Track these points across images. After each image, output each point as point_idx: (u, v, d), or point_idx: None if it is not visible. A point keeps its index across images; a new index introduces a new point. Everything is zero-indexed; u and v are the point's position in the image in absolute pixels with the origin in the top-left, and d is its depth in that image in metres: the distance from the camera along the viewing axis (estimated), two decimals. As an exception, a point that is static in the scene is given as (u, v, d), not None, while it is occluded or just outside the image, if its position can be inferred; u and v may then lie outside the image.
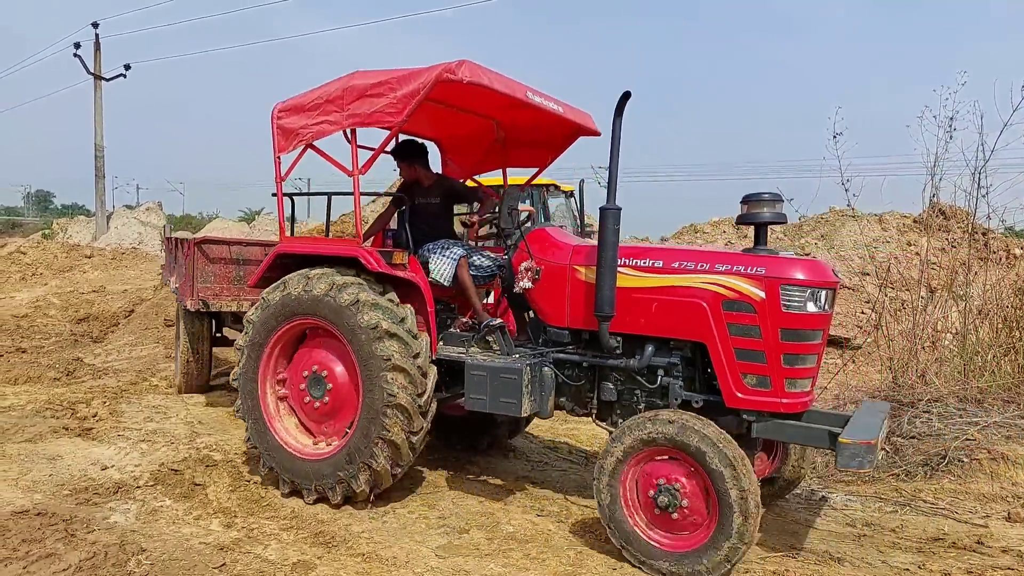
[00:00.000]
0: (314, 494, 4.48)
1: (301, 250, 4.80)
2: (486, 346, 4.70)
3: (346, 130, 4.55)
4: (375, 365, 4.22)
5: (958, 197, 6.87)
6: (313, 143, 4.64)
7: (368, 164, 4.58)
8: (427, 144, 5.48)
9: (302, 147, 4.69)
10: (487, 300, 4.93)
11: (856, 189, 6.72)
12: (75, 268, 16.42)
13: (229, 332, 7.29)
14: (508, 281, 4.70)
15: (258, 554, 3.76)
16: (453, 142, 5.92)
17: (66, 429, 5.74)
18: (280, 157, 4.81)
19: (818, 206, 15.51)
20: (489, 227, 6.12)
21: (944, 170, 6.67)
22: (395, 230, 5.48)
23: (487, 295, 5.42)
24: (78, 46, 25.50)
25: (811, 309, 3.75)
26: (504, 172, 5.86)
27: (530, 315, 4.74)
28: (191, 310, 6.60)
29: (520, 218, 4.69)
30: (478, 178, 6.06)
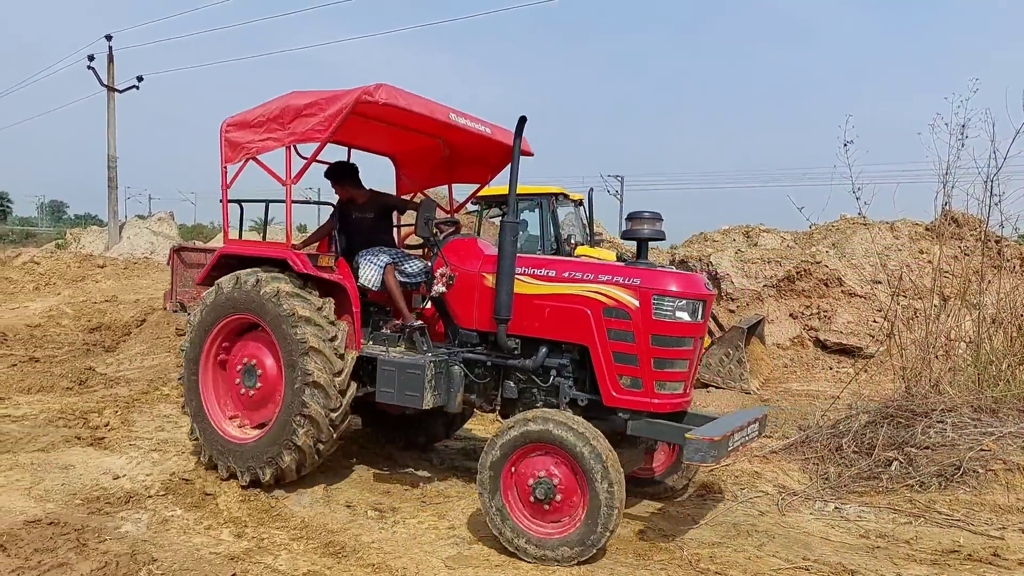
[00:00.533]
0: (248, 476, 4.78)
1: (240, 252, 5.23)
2: (411, 346, 5.00)
3: (290, 145, 4.91)
4: (294, 348, 4.60)
5: (970, 205, 6.82)
6: (256, 156, 5.07)
7: (299, 175, 4.98)
8: (387, 158, 6.09)
9: (246, 159, 5.11)
10: (426, 304, 5.26)
11: (867, 197, 6.67)
12: (88, 278, 16.52)
13: None
14: (429, 286, 5.03)
15: (268, 564, 3.77)
16: (405, 158, 6.39)
17: (78, 438, 5.77)
18: (227, 167, 5.23)
19: (829, 214, 15.45)
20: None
21: (956, 177, 6.63)
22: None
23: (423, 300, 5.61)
24: (92, 58, 25.69)
25: (680, 318, 4.12)
26: (450, 187, 6.33)
27: (447, 317, 5.05)
28: (171, 311, 6.84)
29: (433, 228, 4.96)
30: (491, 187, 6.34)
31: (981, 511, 4.74)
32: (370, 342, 5.17)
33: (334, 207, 5.75)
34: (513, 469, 4.05)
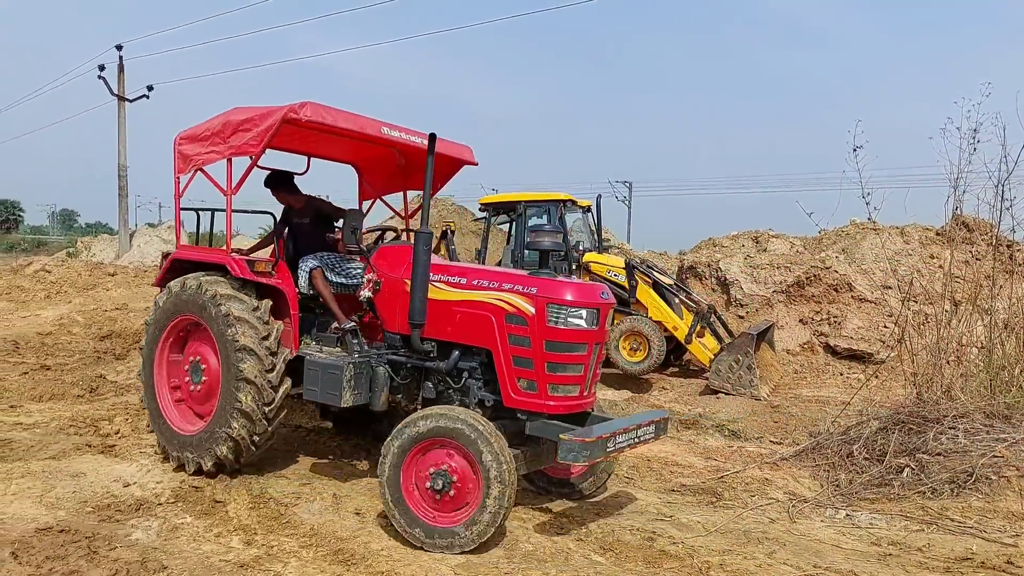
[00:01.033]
0: (193, 464, 5.14)
1: (188, 256, 5.59)
2: (347, 347, 5.21)
3: (229, 158, 5.21)
4: (229, 347, 4.92)
5: (982, 209, 6.79)
6: (203, 168, 5.41)
7: (238, 186, 5.27)
8: (346, 166, 6.54)
9: (195, 170, 5.45)
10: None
11: (877, 202, 6.66)
12: (98, 286, 16.61)
13: None
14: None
15: (278, 572, 3.77)
16: (366, 166, 6.67)
17: (89, 446, 5.80)
18: (179, 177, 5.59)
19: (839, 219, 15.38)
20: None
21: (967, 182, 6.60)
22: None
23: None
24: (103, 68, 25.89)
25: (573, 325, 4.35)
26: (404, 194, 6.58)
27: (377, 320, 5.30)
28: None
29: (359, 237, 5.25)
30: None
31: (994, 518, 4.70)
32: (313, 343, 5.44)
33: (277, 215, 6.09)
34: (411, 463, 4.25)
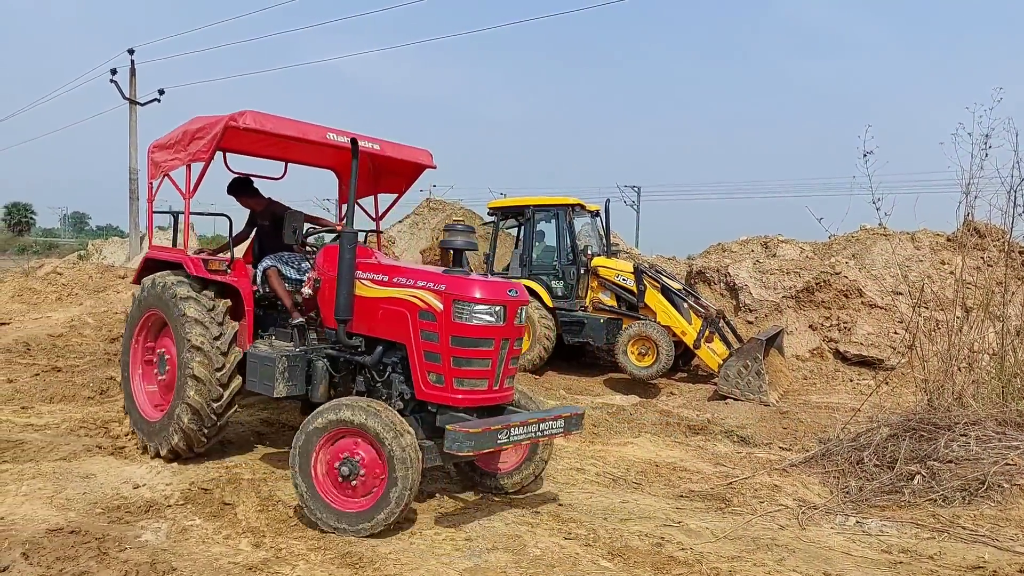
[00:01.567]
0: (153, 449, 5.52)
1: (157, 256, 6.05)
2: (296, 342, 5.48)
3: (187, 164, 5.55)
4: (184, 345, 5.23)
5: (993, 215, 6.74)
6: (168, 173, 5.80)
7: (194, 190, 5.58)
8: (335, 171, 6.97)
9: (163, 176, 5.86)
10: None
11: (888, 207, 6.62)
12: (109, 288, 16.67)
13: None
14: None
15: (286, 574, 3.77)
16: (344, 170, 6.92)
17: (99, 448, 5.83)
18: (151, 182, 6.07)
19: (849, 224, 15.31)
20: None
21: (979, 188, 6.56)
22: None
23: None
24: (115, 72, 26.07)
25: (478, 321, 4.50)
26: (375, 197, 6.82)
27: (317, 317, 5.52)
28: None
29: (299, 237, 5.51)
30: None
31: (1007, 527, 4.65)
32: (273, 338, 5.71)
33: (234, 218, 6.41)
34: (320, 451, 4.39)
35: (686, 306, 10.30)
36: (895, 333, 11.24)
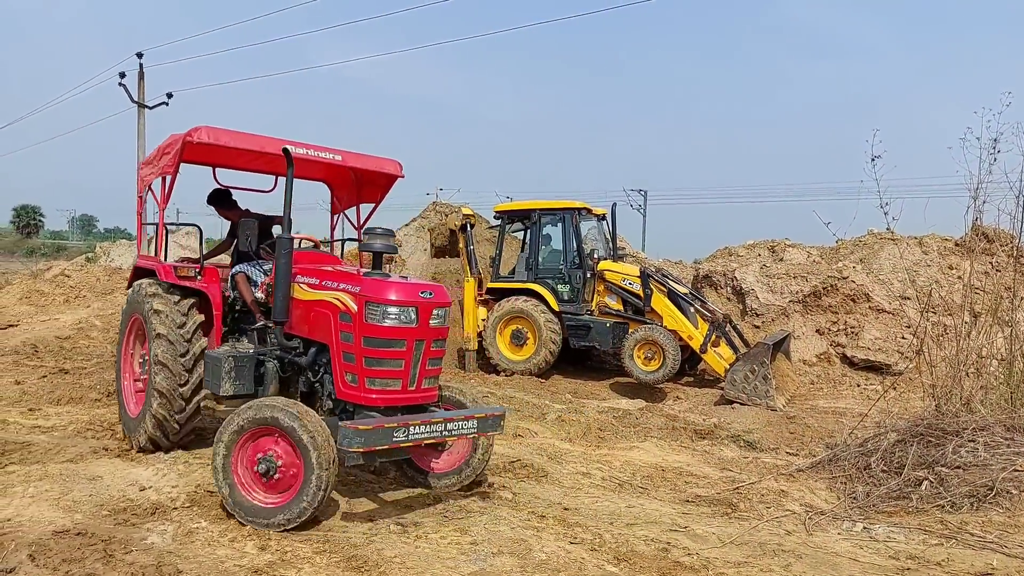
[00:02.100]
0: (135, 442, 5.82)
1: (142, 264, 6.50)
2: (258, 343, 5.68)
3: (162, 177, 5.96)
4: (151, 334, 5.60)
5: (1002, 220, 6.71)
6: (149, 186, 6.38)
7: (165, 201, 5.98)
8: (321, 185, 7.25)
9: (147, 189, 6.49)
10: None
11: (895, 212, 6.60)
12: (117, 290, 16.75)
13: None
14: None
15: (291, 578, 3.77)
16: (335, 182, 7.27)
17: (106, 450, 5.85)
18: (140, 196, 6.76)
19: (856, 229, 15.26)
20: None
21: (987, 192, 6.52)
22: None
23: None
24: (123, 75, 26.17)
25: (390, 322, 4.59)
26: (357, 207, 7.08)
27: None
28: None
29: (252, 244, 5.82)
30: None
31: (1015, 533, 4.62)
32: (241, 341, 5.91)
33: (203, 228, 6.69)
34: (241, 449, 4.46)
35: (693, 310, 10.29)
36: (903, 338, 11.19)
